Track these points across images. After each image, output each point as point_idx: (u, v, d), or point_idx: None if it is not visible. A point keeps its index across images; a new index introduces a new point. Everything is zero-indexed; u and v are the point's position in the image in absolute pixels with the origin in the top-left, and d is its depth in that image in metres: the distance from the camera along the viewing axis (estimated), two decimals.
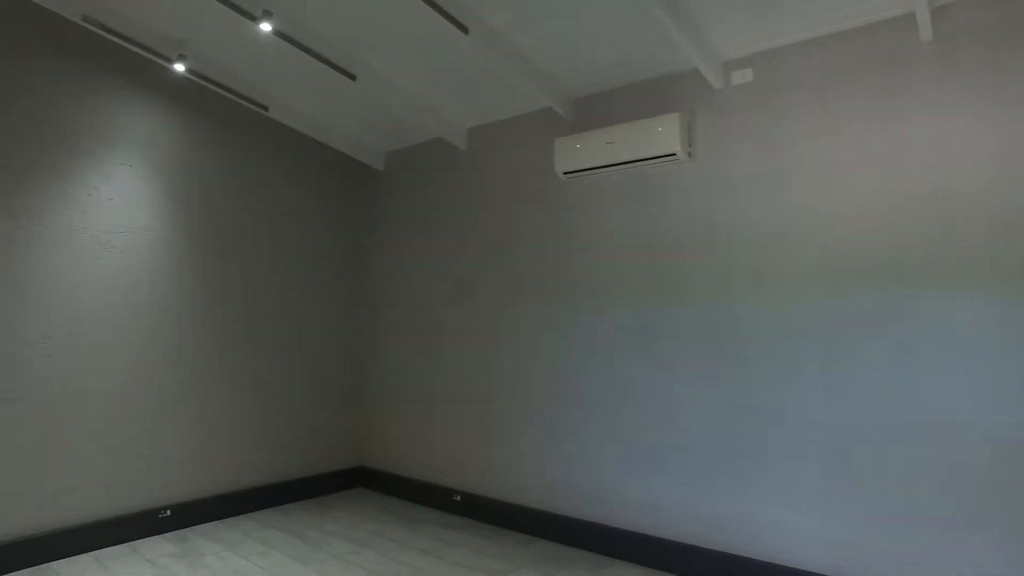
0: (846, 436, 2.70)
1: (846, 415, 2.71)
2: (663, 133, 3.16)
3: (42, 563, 3.28)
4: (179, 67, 3.67)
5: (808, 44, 2.91)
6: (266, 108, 4.24)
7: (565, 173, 3.55)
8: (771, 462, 2.90)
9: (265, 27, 3.21)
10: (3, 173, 3.24)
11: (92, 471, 3.50)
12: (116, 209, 3.66)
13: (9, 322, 3.24)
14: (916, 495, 2.53)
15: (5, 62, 3.27)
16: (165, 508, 3.77)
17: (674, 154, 3.14)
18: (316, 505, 4.41)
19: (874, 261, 2.68)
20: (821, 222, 2.82)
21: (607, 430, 3.47)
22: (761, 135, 3.02)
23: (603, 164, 3.38)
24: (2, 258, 3.23)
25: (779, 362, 2.90)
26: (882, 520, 2.59)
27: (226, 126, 4.20)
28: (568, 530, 3.58)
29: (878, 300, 2.65)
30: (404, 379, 4.66)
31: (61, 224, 3.44)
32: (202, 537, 3.70)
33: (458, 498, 4.17)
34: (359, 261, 5.03)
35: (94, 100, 3.58)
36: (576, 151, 3.48)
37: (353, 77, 3.70)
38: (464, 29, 3.06)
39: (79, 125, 3.52)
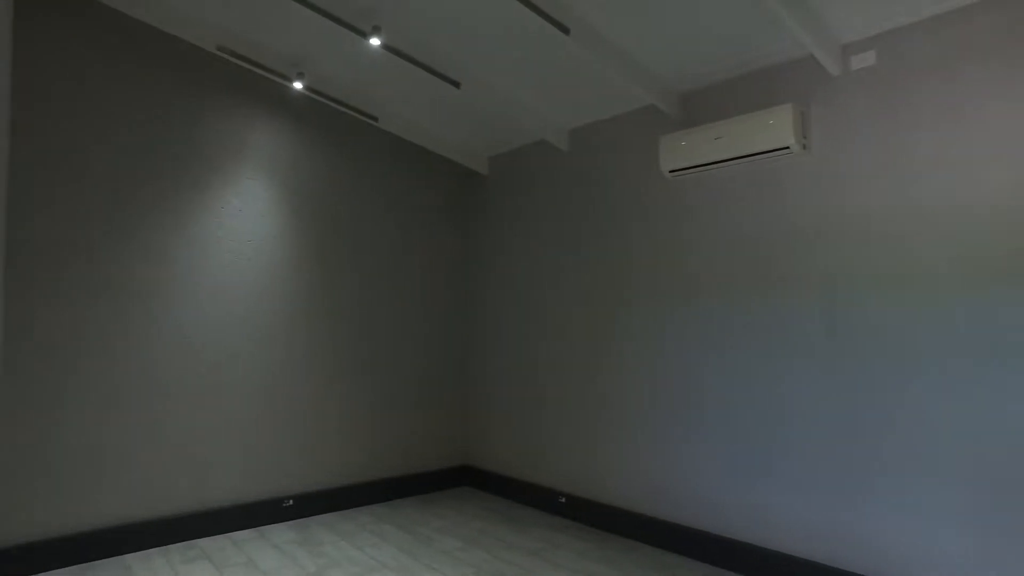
0: (989, 450, 2.44)
1: (987, 428, 2.44)
2: (775, 126, 3.00)
3: (189, 539, 3.63)
4: (297, 85, 3.92)
5: (940, 19, 2.65)
6: (375, 119, 4.44)
7: (671, 171, 3.46)
8: (899, 474, 2.67)
9: (375, 42, 3.36)
10: (149, 192, 3.61)
11: (227, 461, 3.81)
12: (244, 219, 3.96)
13: (156, 325, 3.59)
14: None
15: (150, 92, 3.63)
16: (288, 498, 4.04)
17: (787, 147, 2.98)
18: (425, 502, 4.55)
19: (1013, 260, 2.40)
20: (953, 217, 2.57)
21: (716, 434, 3.34)
22: (884, 123, 2.80)
23: (711, 161, 3.26)
24: (153, 268, 3.59)
25: (905, 366, 2.66)
26: None
27: (338, 137, 4.44)
28: (674, 537, 3.48)
29: (1018, 301, 2.38)
30: (510, 380, 4.72)
31: (200, 234, 3.78)
32: (320, 527, 3.92)
33: (563, 500, 4.16)
34: (465, 264, 5.15)
35: (224, 119, 3.90)
36: (682, 148, 3.38)
37: (457, 84, 3.79)
38: (565, 29, 3.06)
39: (213, 143, 3.85)
